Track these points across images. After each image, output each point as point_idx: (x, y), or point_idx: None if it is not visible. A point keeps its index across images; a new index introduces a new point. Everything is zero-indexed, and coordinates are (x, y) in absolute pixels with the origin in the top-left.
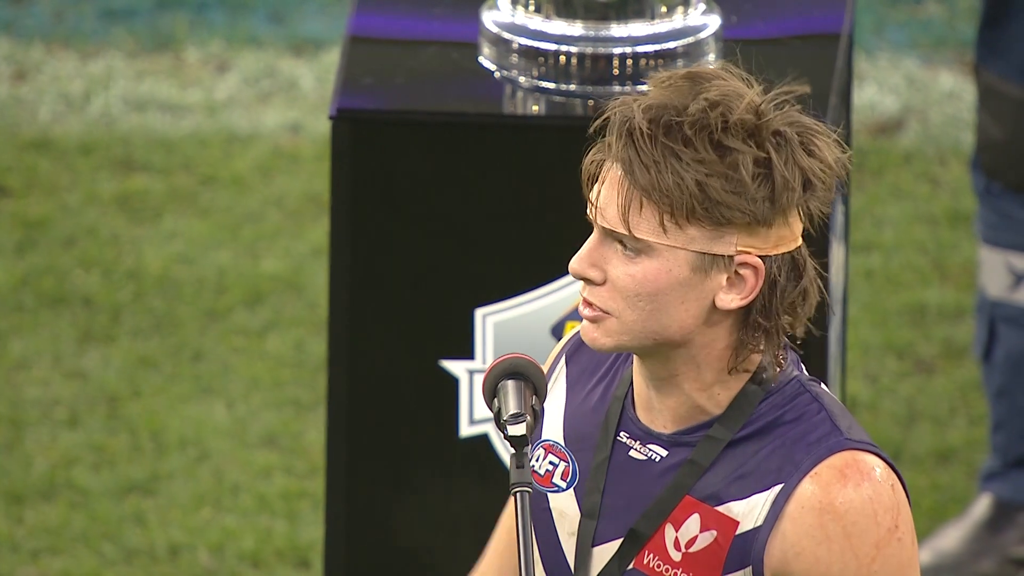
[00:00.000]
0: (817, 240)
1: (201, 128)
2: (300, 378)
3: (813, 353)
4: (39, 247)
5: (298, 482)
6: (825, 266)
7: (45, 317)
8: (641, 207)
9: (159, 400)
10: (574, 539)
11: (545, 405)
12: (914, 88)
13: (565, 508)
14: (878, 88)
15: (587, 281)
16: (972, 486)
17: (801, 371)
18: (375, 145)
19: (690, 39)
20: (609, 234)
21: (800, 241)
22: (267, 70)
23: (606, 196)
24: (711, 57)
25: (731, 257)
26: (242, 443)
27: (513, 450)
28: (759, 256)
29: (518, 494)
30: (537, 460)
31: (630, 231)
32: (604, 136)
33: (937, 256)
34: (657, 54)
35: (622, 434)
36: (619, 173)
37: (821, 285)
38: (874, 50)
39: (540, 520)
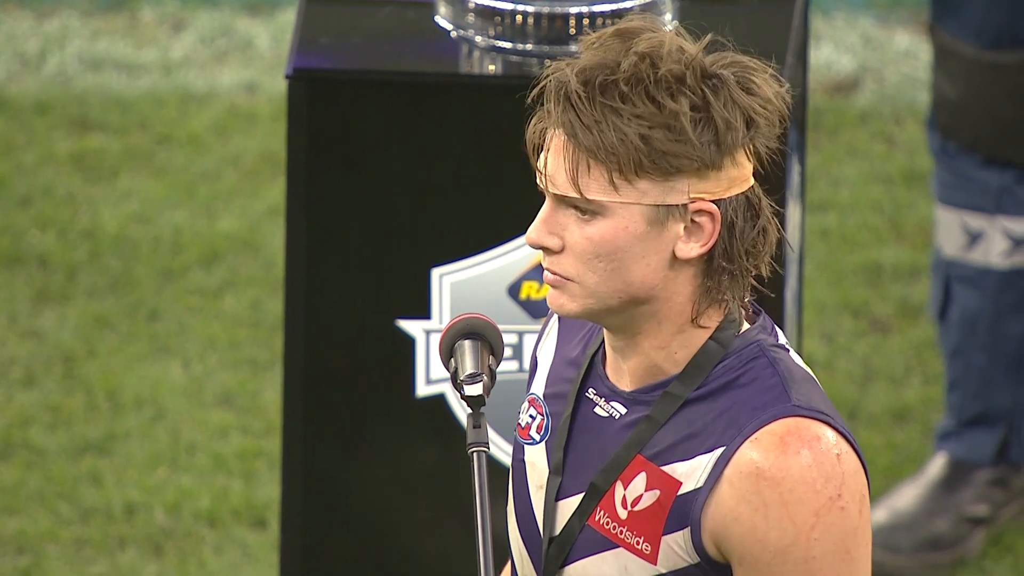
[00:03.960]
0: (773, 199)
1: (157, 87)
2: (256, 337)
3: (769, 313)
4: None
5: (254, 441)
6: (781, 215)
7: (0, 277)
8: (589, 168)
9: (115, 360)
10: (542, 492)
11: (539, 357)
12: (870, 47)
13: (536, 460)
14: (834, 47)
15: (546, 250)
16: (927, 445)
17: (773, 336)
18: (331, 104)
19: None
20: (562, 200)
21: (752, 181)
22: (223, 29)
23: (553, 163)
24: (667, 17)
25: (685, 206)
26: (198, 402)
27: (470, 410)
28: (713, 201)
29: (475, 454)
30: (523, 412)
31: (581, 193)
32: (543, 104)
33: (893, 215)
34: (614, 13)
35: (590, 391)
36: (563, 138)
37: (778, 222)
38: (830, 9)
39: (517, 471)
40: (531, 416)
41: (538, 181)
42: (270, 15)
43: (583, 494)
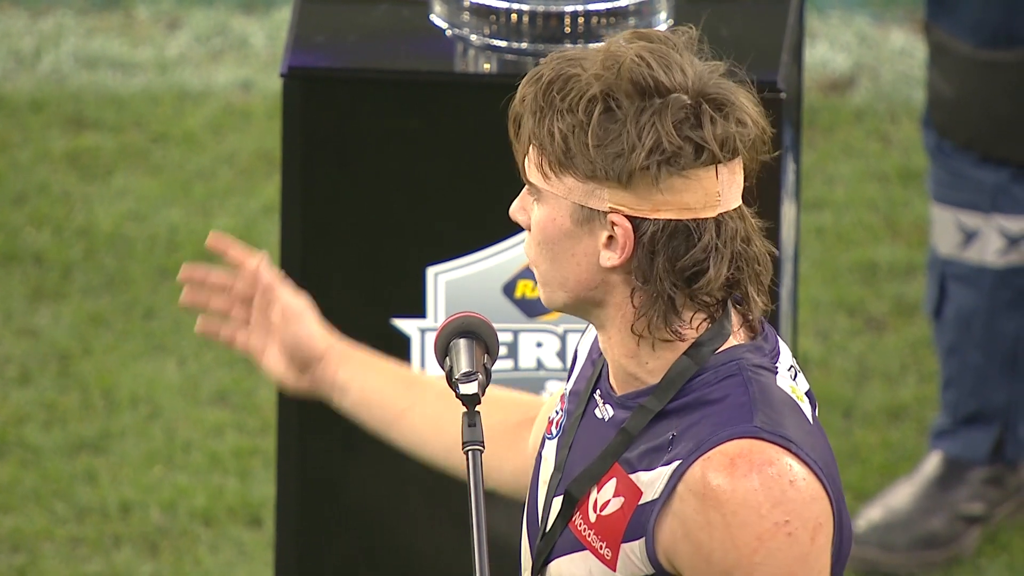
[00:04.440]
0: (768, 197)
1: (152, 85)
2: None
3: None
4: None
5: (250, 440)
6: (774, 227)
7: None
8: (529, 152)
9: (110, 358)
10: (545, 487)
11: (578, 353)
12: (865, 45)
13: (548, 456)
14: (829, 45)
15: (525, 228)
16: (923, 443)
17: (769, 357)
18: (326, 103)
19: None
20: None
21: (703, 213)
22: (218, 27)
23: None
24: (663, 15)
25: (606, 214)
26: (194, 401)
27: (465, 409)
28: (631, 217)
29: (470, 453)
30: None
31: (525, 173)
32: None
33: (888, 213)
34: (609, 12)
35: (597, 391)
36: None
37: (714, 257)
38: (825, 7)
39: (536, 464)
40: (556, 411)
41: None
42: (265, 13)
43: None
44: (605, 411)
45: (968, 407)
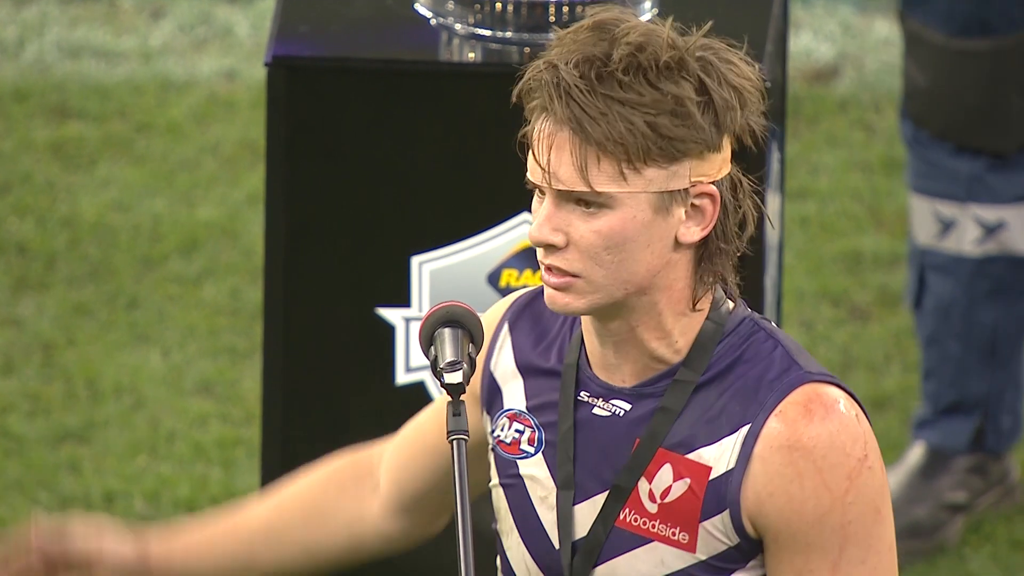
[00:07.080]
0: (757, 174)
1: (136, 75)
2: (236, 326)
3: (749, 301)
4: None
5: (234, 430)
6: (759, 217)
7: None
8: (599, 160)
9: (94, 348)
10: (550, 501)
11: (496, 374)
12: (849, 35)
13: (535, 472)
14: (813, 35)
15: (550, 247)
16: (907, 433)
17: (750, 309)
18: (311, 92)
19: None
20: (566, 196)
21: (730, 159)
22: (202, 17)
23: (556, 159)
24: (647, 4)
25: (687, 190)
26: (177, 391)
27: (450, 398)
28: (711, 183)
29: (455, 442)
30: (503, 430)
31: (591, 187)
32: (533, 102)
33: (872, 203)
34: (593, 0)
35: (582, 394)
36: (567, 133)
37: (757, 199)
38: None
39: (513, 487)
40: (517, 431)
41: (532, 179)
42: (249, 2)
43: (604, 495)
44: (613, 407)
45: (948, 397)
